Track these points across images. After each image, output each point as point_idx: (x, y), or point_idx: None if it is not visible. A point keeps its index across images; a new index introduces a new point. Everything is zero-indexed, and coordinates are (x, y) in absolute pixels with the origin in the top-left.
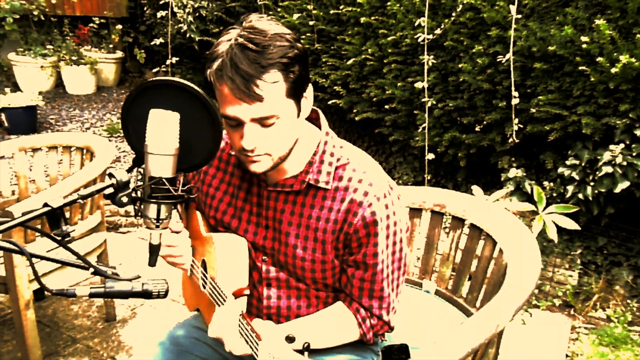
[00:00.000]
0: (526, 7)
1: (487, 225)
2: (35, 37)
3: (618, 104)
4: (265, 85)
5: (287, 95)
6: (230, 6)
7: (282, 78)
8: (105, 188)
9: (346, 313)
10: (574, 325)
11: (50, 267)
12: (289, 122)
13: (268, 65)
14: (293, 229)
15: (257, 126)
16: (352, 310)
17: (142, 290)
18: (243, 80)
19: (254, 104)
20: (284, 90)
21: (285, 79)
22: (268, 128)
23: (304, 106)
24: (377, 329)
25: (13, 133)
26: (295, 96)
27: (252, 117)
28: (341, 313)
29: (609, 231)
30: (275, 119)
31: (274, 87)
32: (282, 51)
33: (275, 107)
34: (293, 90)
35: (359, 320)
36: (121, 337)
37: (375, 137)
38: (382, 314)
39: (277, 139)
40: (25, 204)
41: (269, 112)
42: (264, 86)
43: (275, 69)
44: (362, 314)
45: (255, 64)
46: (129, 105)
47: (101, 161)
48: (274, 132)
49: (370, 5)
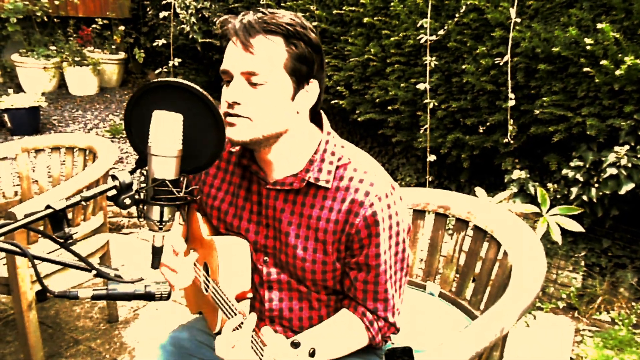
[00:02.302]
0: (530, 8)
1: (492, 227)
2: (38, 38)
3: (623, 105)
4: (263, 40)
5: (284, 67)
6: (232, 7)
7: (284, 46)
8: (108, 190)
9: (352, 319)
10: (578, 328)
11: (52, 268)
12: (279, 97)
13: (272, 25)
14: (293, 228)
15: (244, 83)
16: (358, 315)
17: (145, 293)
18: (244, 30)
19: (247, 52)
20: (282, 59)
21: (287, 49)
22: (255, 90)
23: (302, 97)
24: (385, 331)
25: (16, 134)
26: (293, 74)
27: (242, 70)
28: (348, 320)
29: (614, 233)
30: (264, 81)
31: (271, 47)
32: (290, 22)
33: (266, 69)
34: (292, 66)
35: (366, 324)
36: (123, 339)
37: (378, 138)
38: (387, 316)
39: (261, 106)
40: (28, 205)
41: (256, 69)
42: (261, 40)
43: (279, 35)
44: (368, 317)
45: (261, 21)
46: (132, 107)
47: (104, 162)
48: (260, 96)
49: (373, 6)
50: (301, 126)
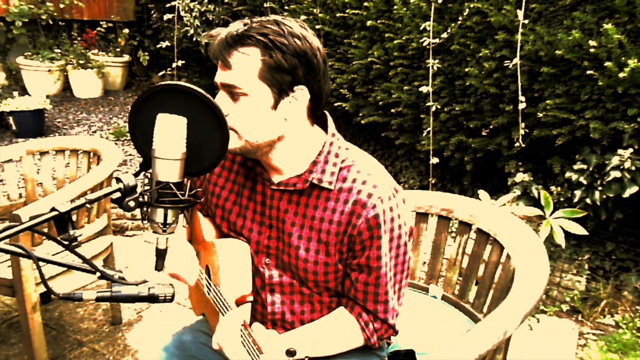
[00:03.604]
0: (533, 11)
1: (494, 230)
2: (43, 41)
3: (626, 108)
4: (237, 55)
5: (259, 77)
6: (236, 10)
7: (259, 56)
8: (113, 192)
9: (348, 318)
10: (582, 332)
11: (57, 270)
12: (258, 108)
13: (248, 38)
14: (296, 229)
15: (226, 96)
16: (354, 314)
17: (149, 295)
18: (222, 48)
19: (225, 70)
20: (256, 70)
21: (263, 59)
22: (236, 103)
23: (288, 105)
24: (382, 333)
25: (21, 136)
26: (271, 83)
27: (222, 82)
28: (343, 318)
29: (617, 236)
30: (242, 94)
31: (246, 59)
32: (267, 32)
33: (243, 81)
34: (269, 76)
35: (361, 325)
36: (127, 341)
37: (381, 141)
38: (386, 318)
39: (243, 119)
40: (33, 207)
41: (234, 82)
42: (236, 55)
43: (254, 47)
44: (364, 318)
45: (238, 35)
46: (136, 110)
47: (108, 165)
48: (241, 109)
49: (377, 9)
50: (298, 131)
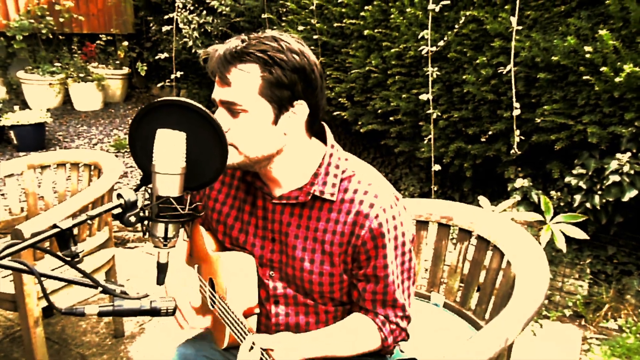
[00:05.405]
0: (529, 18)
1: (494, 237)
2: (43, 55)
3: (623, 112)
4: (236, 72)
5: (259, 93)
6: (235, 21)
7: (259, 73)
8: (114, 208)
9: (364, 320)
10: (585, 336)
11: (59, 284)
12: (258, 123)
13: (247, 55)
14: (300, 242)
15: (226, 112)
16: (370, 316)
17: (151, 308)
18: (221, 65)
19: (224, 87)
20: (256, 87)
21: (262, 75)
22: (236, 119)
23: (288, 120)
24: (396, 335)
25: (22, 150)
26: (271, 99)
27: (221, 99)
28: (359, 320)
29: (619, 240)
30: (242, 111)
31: (246, 77)
32: (266, 48)
33: (243, 98)
34: (269, 92)
35: (378, 325)
36: (130, 354)
37: (381, 149)
38: (398, 321)
39: (244, 135)
40: (34, 222)
41: (234, 99)
42: (235, 72)
43: (254, 63)
44: (380, 318)
45: (237, 52)
46: (136, 125)
47: (109, 178)
48: (241, 125)
49: (374, 19)
50: (297, 144)
